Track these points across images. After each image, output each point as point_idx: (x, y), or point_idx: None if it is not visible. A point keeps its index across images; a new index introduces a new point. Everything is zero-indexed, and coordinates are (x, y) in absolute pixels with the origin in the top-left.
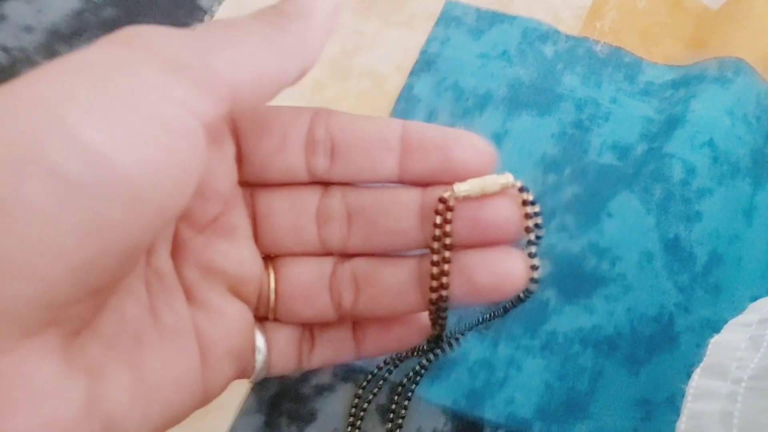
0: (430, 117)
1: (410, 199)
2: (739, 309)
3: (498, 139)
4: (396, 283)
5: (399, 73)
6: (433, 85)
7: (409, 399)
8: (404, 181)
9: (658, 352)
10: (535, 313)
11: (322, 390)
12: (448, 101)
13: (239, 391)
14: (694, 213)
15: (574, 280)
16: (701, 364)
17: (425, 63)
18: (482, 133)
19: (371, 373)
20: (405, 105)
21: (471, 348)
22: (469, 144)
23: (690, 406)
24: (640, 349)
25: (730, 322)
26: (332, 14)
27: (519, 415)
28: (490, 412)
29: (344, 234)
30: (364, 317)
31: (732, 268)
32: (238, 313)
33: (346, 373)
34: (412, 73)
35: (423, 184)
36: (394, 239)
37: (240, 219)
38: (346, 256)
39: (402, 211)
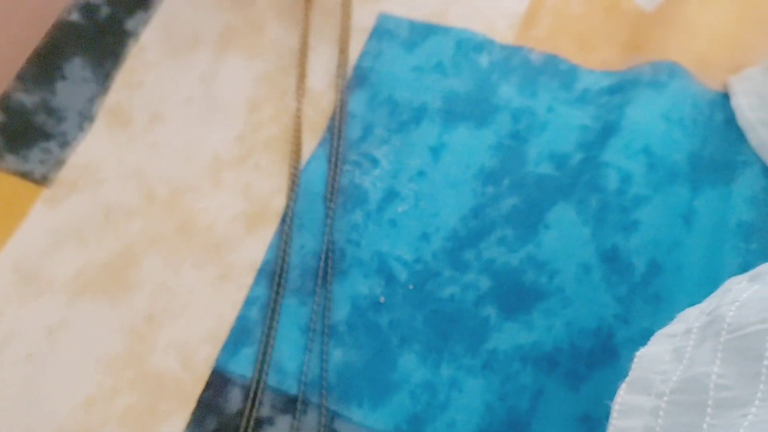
0: (366, 132)
1: None
2: None
3: (435, 152)
4: None
5: (333, 90)
6: (368, 100)
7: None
8: None
9: (599, 366)
10: (476, 331)
11: (261, 423)
12: (383, 116)
13: (178, 426)
14: (630, 222)
15: (514, 295)
16: (627, 379)
17: (359, 78)
18: (419, 146)
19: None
20: (340, 121)
21: (414, 369)
22: None
23: (615, 422)
24: (580, 364)
25: (656, 334)
26: None
27: None
28: None
29: None
30: None
31: (672, 276)
32: None
33: (285, 405)
34: (346, 89)
35: None
36: None
37: None
38: None
39: None
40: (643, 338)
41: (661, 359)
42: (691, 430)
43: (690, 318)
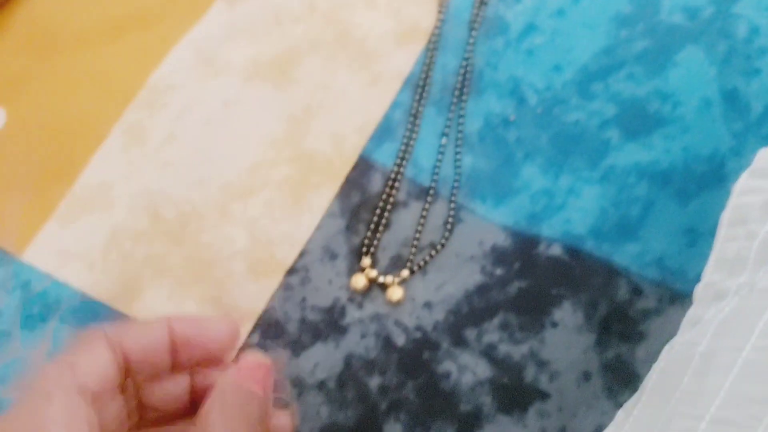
0: None
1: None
2: None
3: None
4: None
5: None
6: None
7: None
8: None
9: (708, 188)
10: (597, 150)
11: (397, 205)
12: None
13: (327, 196)
14: (753, 69)
15: (637, 120)
16: (748, 169)
17: None
18: None
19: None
20: None
21: (533, 179)
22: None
23: (735, 200)
24: (691, 184)
25: None
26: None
27: (574, 233)
28: (548, 230)
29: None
30: None
31: None
32: None
33: (418, 193)
34: None
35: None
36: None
37: None
38: None
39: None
40: None
41: None
42: None
43: None
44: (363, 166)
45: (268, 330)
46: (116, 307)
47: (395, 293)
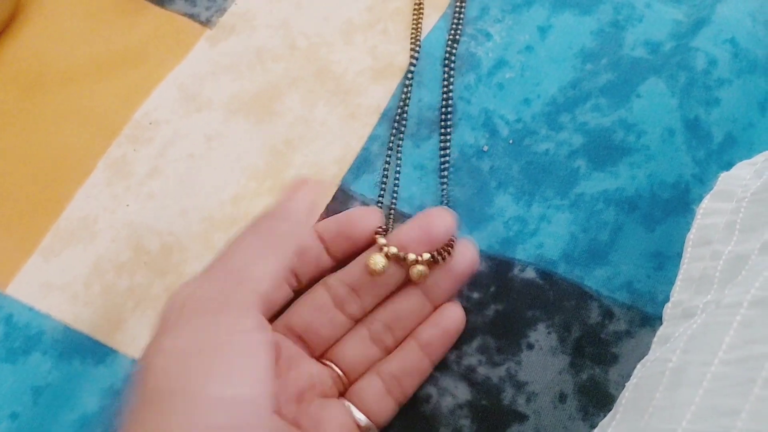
0: (483, 12)
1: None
2: None
3: (543, 31)
4: None
5: None
6: None
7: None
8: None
9: (673, 213)
10: (567, 178)
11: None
12: None
13: None
14: (713, 99)
15: (603, 149)
16: (711, 192)
17: None
18: (529, 26)
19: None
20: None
21: (506, 206)
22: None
23: (699, 221)
24: (657, 209)
25: (739, 163)
26: (309, 211)
27: (546, 257)
28: (522, 253)
29: (359, 304)
30: None
31: (744, 150)
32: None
33: (398, 217)
34: None
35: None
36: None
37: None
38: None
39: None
40: None
41: (743, 177)
42: None
43: None
44: (342, 197)
45: None
46: (99, 338)
47: None
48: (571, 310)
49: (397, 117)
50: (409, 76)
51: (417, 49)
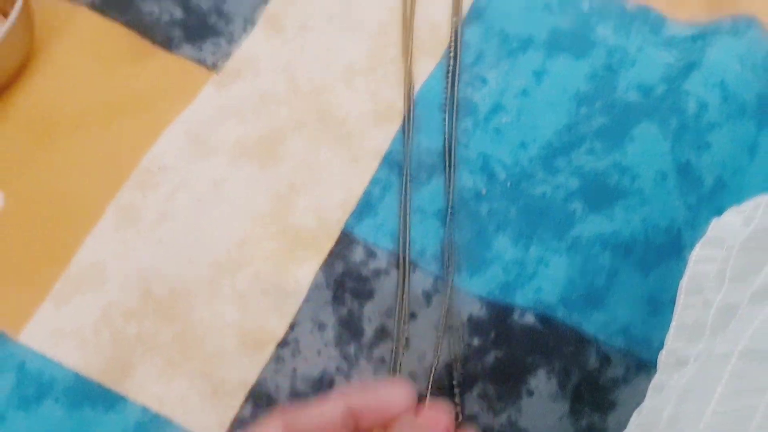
0: (478, 58)
1: None
2: None
3: (538, 76)
4: None
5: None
6: (482, 32)
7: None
8: None
9: (667, 258)
10: (564, 221)
11: (378, 273)
12: (494, 45)
13: (313, 267)
14: (704, 143)
15: (599, 192)
16: (702, 239)
17: (476, 13)
18: (524, 70)
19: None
20: (455, 49)
21: (505, 249)
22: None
23: (691, 268)
24: (651, 254)
25: (729, 209)
26: None
27: (545, 302)
28: (521, 298)
29: None
30: None
31: (734, 194)
32: None
33: (398, 262)
34: (464, 23)
35: None
36: None
37: None
38: None
39: None
40: None
41: (733, 224)
42: (758, 266)
43: (758, 199)
44: (345, 241)
45: (260, 401)
46: (109, 385)
47: None
48: (570, 356)
49: (398, 160)
50: (408, 120)
51: (411, 95)
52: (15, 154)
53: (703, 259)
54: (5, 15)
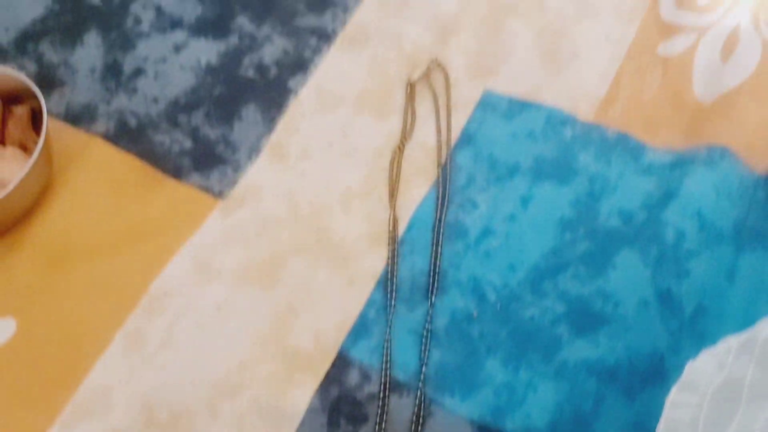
0: (469, 181)
1: None
2: None
3: (524, 201)
4: None
5: (444, 146)
6: (472, 156)
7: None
8: None
9: (650, 384)
10: (551, 345)
11: (372, 397)
12: (484, 169)
13: (309, 391)
14: (683, 271)
15: (584, 318)
16: (678, 382)
17: (465, 138)
18: (512, 196)
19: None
20: (447, 174)
21: (495, 372)
22: None
23: (667, 413)
24: (635, 379)
25: (703, 351)
26: None
27: (534, 428)
28: (511, 424)
29: None
30: None
31: (715, 319)
32: None
33: (392, 386)
34: (456, 147)
35: None
36: None
37: None
38: None
39: None
40: None
41: (706, 369)
42: (728, 417)
43: (731, 341)
44: (341, 363)
45: None
46: None
47: None
48: None
49: (391, 284)
50: (400, 243)
51: (397, 220)
52: (29, 282)
53: (678, 404)
54: (24, 149)
